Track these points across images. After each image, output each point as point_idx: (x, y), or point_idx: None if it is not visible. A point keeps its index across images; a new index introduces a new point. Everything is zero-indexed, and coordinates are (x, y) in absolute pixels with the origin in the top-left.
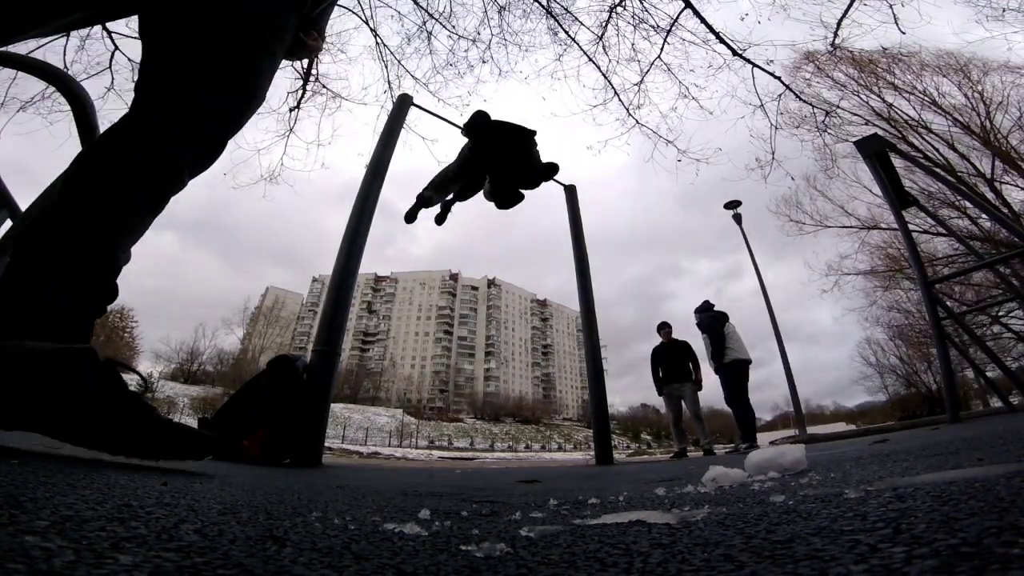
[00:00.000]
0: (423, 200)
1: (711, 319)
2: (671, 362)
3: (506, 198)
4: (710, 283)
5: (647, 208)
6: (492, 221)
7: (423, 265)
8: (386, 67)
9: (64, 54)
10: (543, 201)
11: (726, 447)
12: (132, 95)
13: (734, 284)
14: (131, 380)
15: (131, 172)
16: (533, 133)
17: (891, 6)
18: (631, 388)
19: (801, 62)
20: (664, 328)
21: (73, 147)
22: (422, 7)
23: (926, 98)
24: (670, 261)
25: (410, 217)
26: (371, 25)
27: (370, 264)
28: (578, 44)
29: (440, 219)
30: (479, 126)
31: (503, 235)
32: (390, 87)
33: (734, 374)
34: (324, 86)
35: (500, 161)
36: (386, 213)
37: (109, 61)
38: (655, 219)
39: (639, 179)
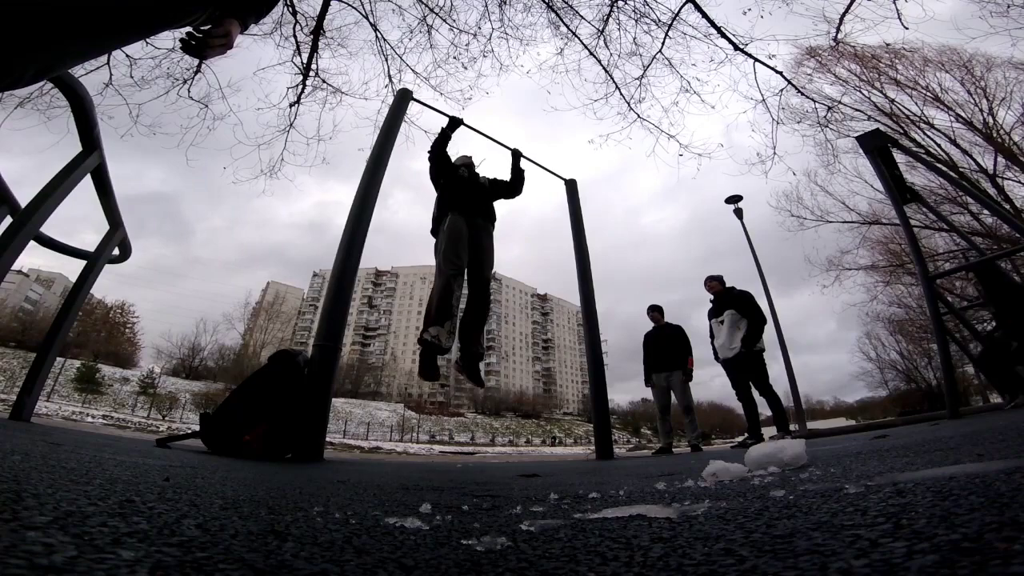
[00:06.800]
0: (431, 346)
1: (748, 296)
2: (660, 348)
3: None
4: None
5: (668, 240)
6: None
7: (424, 259)
8: (387, 61)
9: None
10: (544, 201)
11: (732, 441)
12: (131, 91)
13: None
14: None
15: None
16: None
17: (894, 1)
18: (632, 384)
19: (803, 57)
20: (654, 310)
21: (73, 145)
22: (423, 1)
23: (928, 94)
24: (689, 293)
25: (431, 374)
26: (371, 20)
27: (370, 258)
28: (579, 38)
29: (475, 377)
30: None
31: (505, 233)
32: (391, 82)
33: (762, 362)
34: (324, 81)
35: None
36: (387, 211)
37: (107, 57)
38: (677, 255)
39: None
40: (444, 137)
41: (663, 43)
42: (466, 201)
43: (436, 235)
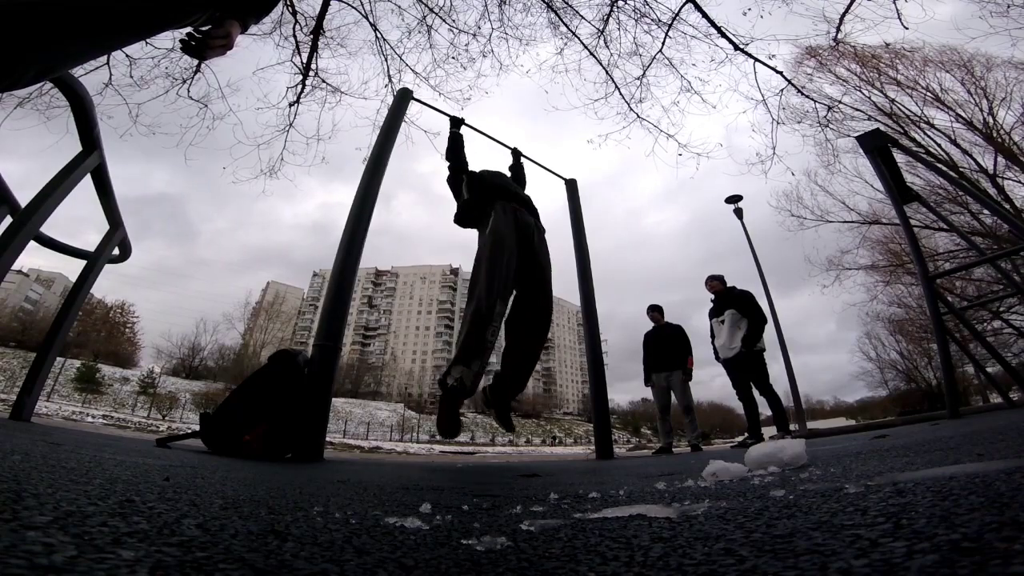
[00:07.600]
0: (453, 392)
1: (748, 296)
2: (660, 348)
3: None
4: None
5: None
6: None
7: (424, 259)
8: (386, 61)
9: None
10: (544, 200)
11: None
12: (130, 91)
13: None
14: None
15: None
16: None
17: (894, 1)
18: (632, 384)
19: (803, 57)
20: (654, 310)
21: (73, 145)
22: (423, 1)
23: (928, 94)
24: (690, 294)
25: (450, 428)
26: (371, 20)
27: (371, 258)
28: (579, 38)
29: (506, 420)
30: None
31: None
32: (391, 81)
33: (762, 361)
34: (324, 80)
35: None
36: (388, 212)
37: (107, 57)
38: (678, 259)
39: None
40: (456, 139)
41: (663, 43)
42: (509, 189)
43: (464, 224)
